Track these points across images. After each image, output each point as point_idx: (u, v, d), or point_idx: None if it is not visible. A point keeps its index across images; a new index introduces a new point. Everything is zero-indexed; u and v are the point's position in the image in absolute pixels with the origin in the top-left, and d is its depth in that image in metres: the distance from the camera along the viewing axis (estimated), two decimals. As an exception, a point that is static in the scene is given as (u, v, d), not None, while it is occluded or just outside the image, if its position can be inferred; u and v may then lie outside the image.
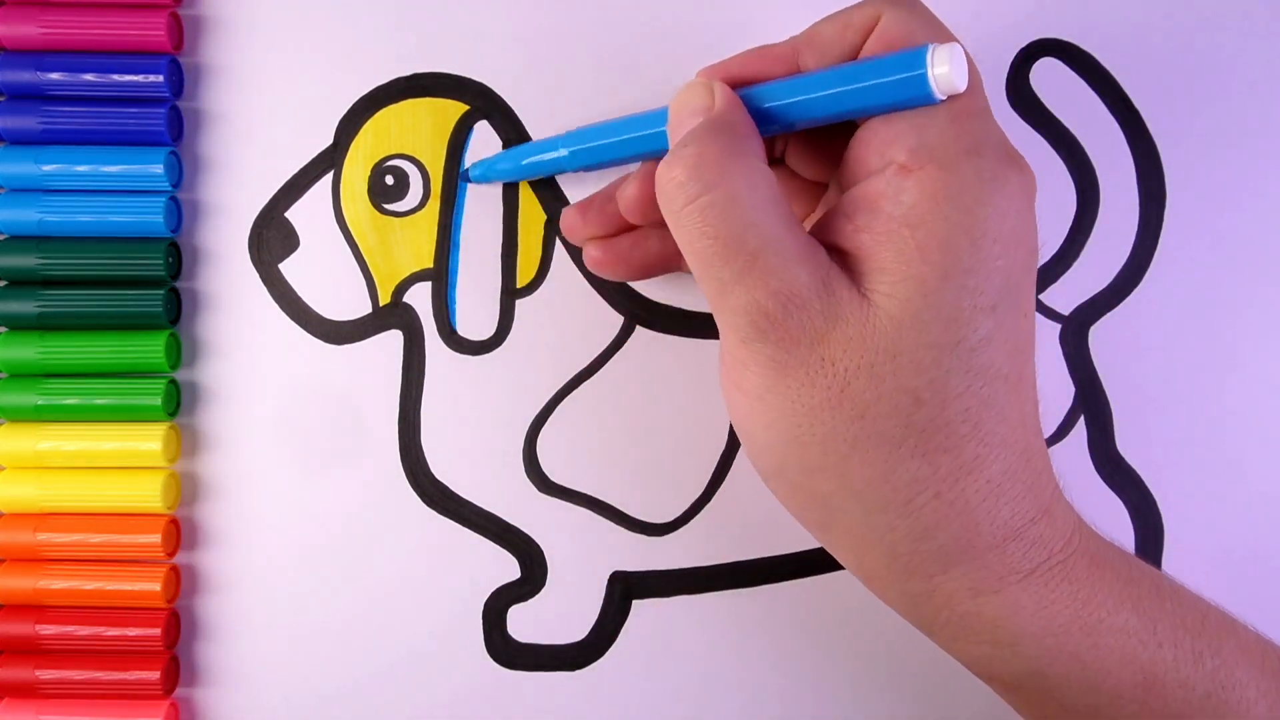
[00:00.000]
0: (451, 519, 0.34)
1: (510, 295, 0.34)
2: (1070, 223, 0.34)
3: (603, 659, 0.34)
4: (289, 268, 0.34)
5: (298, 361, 0.34)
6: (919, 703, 0.34)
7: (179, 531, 0.34)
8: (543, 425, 0.34)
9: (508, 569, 0.34)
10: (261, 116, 0.34)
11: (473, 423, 0.34)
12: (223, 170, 0.34)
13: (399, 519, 0.34)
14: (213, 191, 0.34)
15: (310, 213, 0.34)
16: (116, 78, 0.33)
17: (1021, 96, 0.34)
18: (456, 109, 0.34)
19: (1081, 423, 0.35)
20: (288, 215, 0.34)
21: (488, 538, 0.34)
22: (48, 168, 0.33)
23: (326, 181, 0.34)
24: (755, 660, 0.34)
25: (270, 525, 0.34)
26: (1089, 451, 0.35)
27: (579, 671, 0.34)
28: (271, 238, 0.34)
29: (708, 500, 0.34)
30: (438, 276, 0.34)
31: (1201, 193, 0.34)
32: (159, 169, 0.33)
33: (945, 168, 0.25)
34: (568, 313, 0.34)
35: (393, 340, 0.34)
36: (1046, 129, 0.34)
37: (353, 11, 0.34)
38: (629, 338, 0.34)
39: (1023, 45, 0.34)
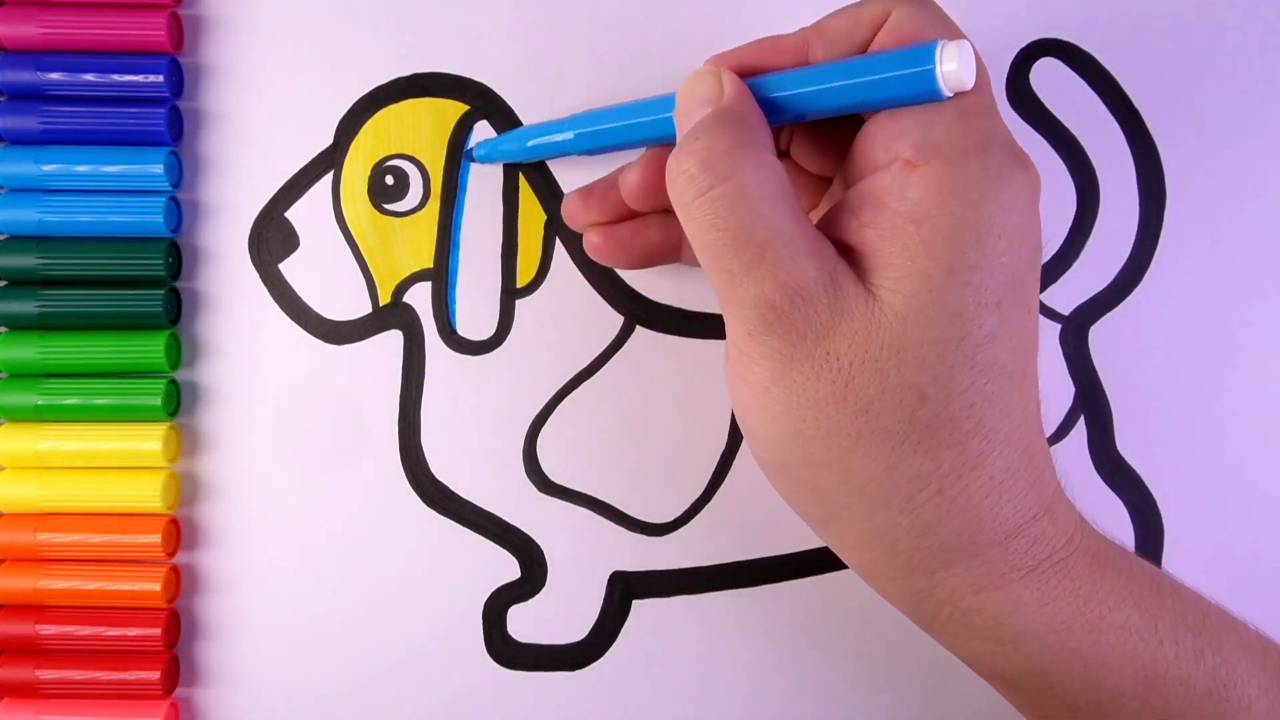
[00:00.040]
0: (451, 519, 0.34)
1: (510, 295, 0.34)
2: (1070, 223, 0.34)
3: (603, 659, 0.34)
4: (289, 268, 0.34)
5: (298, 361, 0.34)
6: (919, 702, 0.34)
7: (179, 531, 0.34)
8: (543, 425, 0.34)
9: (508, 569, 0.34)
10: (261, 116, 0.34)
11: (473, 423, 0.34)
12: (223, 170, 0.34)
13: (399, 519, 0.34)
14: (213, 191, 0.34)
15: (310, 213, 0.34)
16: (116, 78, 0.33)
17: (1021, 96, 0.34)
18: (456, 109, 0.34)
19: (1081, 423, 0.35)
20: (288, 215, 0.34)
21: (488, 538, 0.34)
22: (48, 168, 0.33)
23: (326, 181, 0.34)
24: (755, 660, 0.34)
25: (270, 525, 0.34)
26: (1089, 451, 0.35)
27: (579, 671, 0.34)
28: (271, 238, 0.34)
29: (708, 500, 0.34)
30: (438, 276, 0.34)
31: (1201, 193, 0.34)
32: (159, 169, 0.33)
33: (951, 163, 0.25)
34: (568, 313, 0.34)
35: (393, 340, 0.34)
36: (1046, 129, 0.34)
37: (353, 11, 0.34)
38: (629, 338, 0.34)
39: (1023, 45, 0.34)
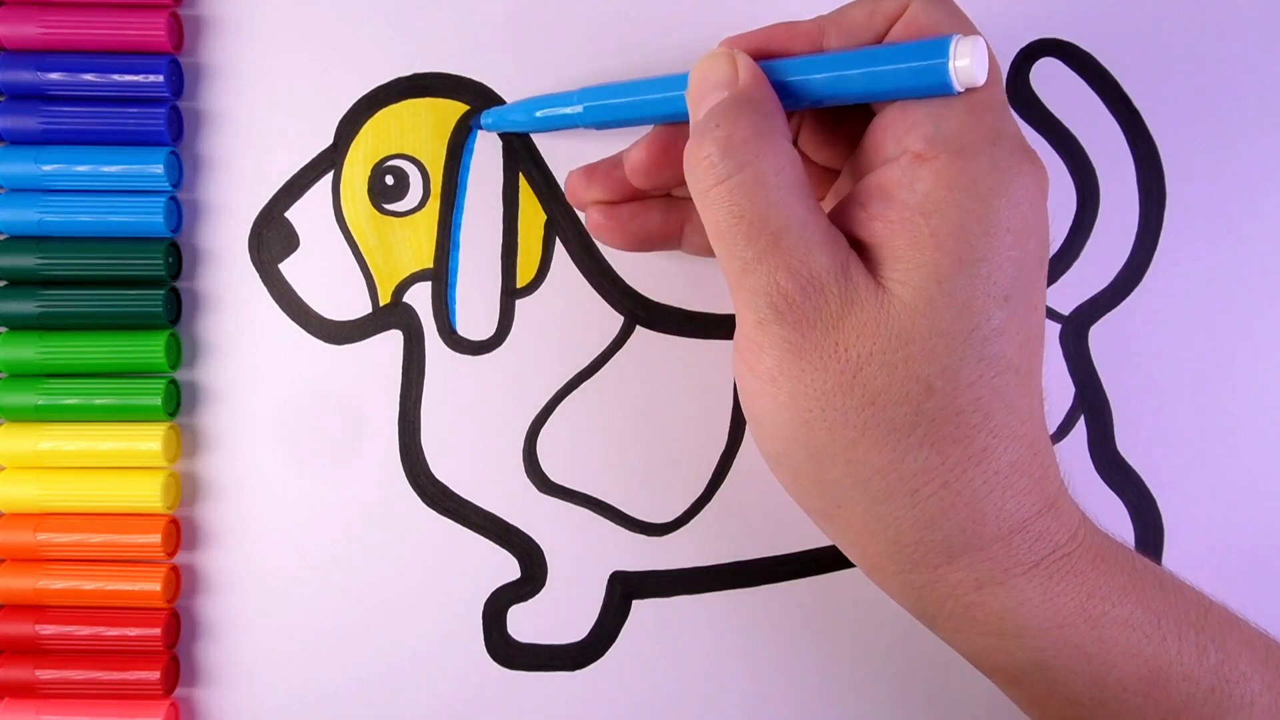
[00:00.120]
0: (451, 519, 0.34)
1: (510, 295, 0.34)
2: (1070, 223, 0.34)
3: (603, 659, 0.34)
4: (289, 268, 0.34)
5: (298, 361, 0.34)
6: (920, 702, 0.34)
7: (179, 531, 0.34)
8: (543, 425, 0.34)
9: (508, 569, 0.34)
10: (261, 116, 0.34)
11: (473, 423, 0.34)
12: (223, 170, 0.34)
13: (399, 519, 0.34)
14: (213, 191, 0.34)
15: (310, 213, 0.34)
16: (116, 78, 0.33)
17: (1021, 96, 0.34)
18: (456, 109, 0.34)
19: (1081, 422, 0.35)
20: (288, 215, 0.34)
21: (488, 538, 0.34)
22: (48, 168, 0.33)
23: (326, 181, 0.34)
24: (755, 660, 0.34)
25: (270, 525, 0.34)
26: (1089, 451, 0.35)
27: (579, 671, 0.34)
28: (271, 238, 0.34)
29: (708, 500, 0.34)
30: (438, 276, 0.34)
31: (1201, 193, 0.34)
32: (159, 169, 0.33)
33: (961, 157, 0.25)
34: (568, 313, 0.34)
35: (393, 340, 0.34)
36: (1046, 129, 0.34)
37: (353, 11, 0.34)
38: (629, 338, 0.34)
39: (1023, 45, 0.34)
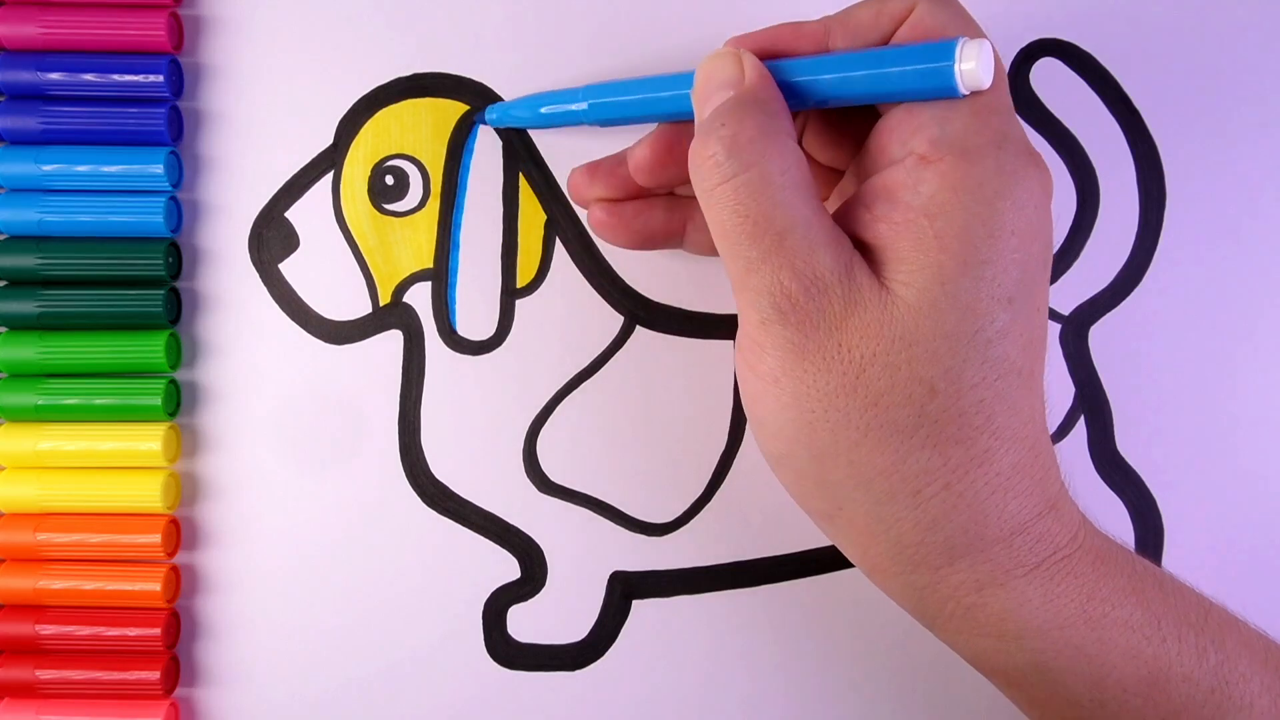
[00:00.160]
0: (451, 519, 0.34)
1: (510, 295, 0.34)
2: (1070, 223, 0.34)
3: (603, 659, 0.34)
4: (289, 268, 0.34)
5: (298, 361, 0.34)
6: (920, 703, 0.34)
7: (179, 531, 0.34)
8: (543, 425, 0.34)
9: (508, 569, 0.34)
10: (261, 116, 0.34)
11: (473, 423, 0.34)
12: (223, 170, 0.34)
13: (399, 519, 0.34)
14: (213, 191, 0.34)
15: (310, 213, 0.34)
16: (116, 78, 0.33)
17: (1021, 96, 0.34)
18: (456, 109, 0.34)
19: (1081, 423, 0.35)
20: (288, 215, 0.34)
21: (488, 538, 0.34)
22: (48, 168, 0.33)
23: (326, 181, 0.34)
24: (755, 660, 0.34)
25: (270, 525, 0.34)
26: (1089, 451, 0.35)
27: (579, 671, 0.34)
28: (271, 238, 0.34)
29: (708, 500, 0.34)
30: (438, 276, 0.34)
31: (1201, 193, 0.34)
32: (159, 169, 0.33)
33: (966, 160, 0.25)
34: (568, 313, 0.34)
35: (393, 340, 0.34)
36: (1046, 129, 0.34)
37: (353, 11, 0.34)
38: (629, 338, 0.34)
39: (1023, 45, 0.34)
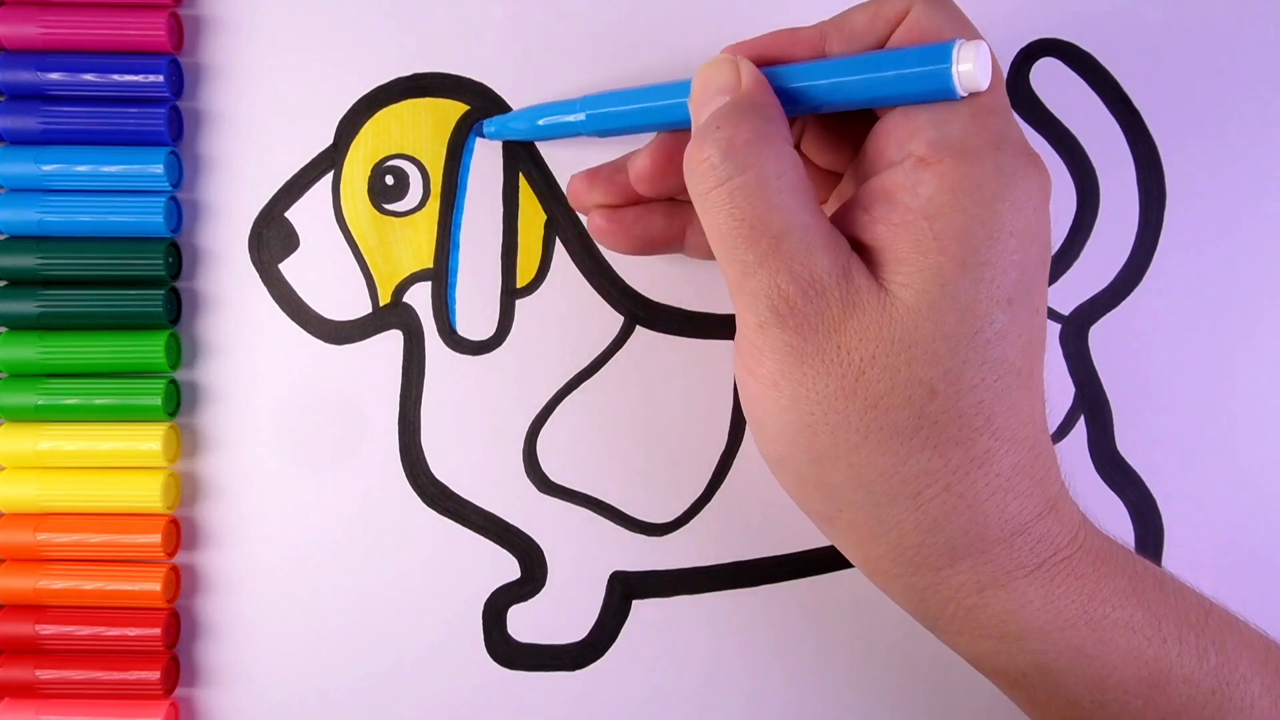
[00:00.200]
0: (451, 519, 0.34)
1: (510, 295, 0.34)
2: (1070, 223, 0.34)
3: (603, 659, 0.34)
4: (289, 268, 0.34)
5: (298, 361, 0.34)
6: (921, 702, 0.34)
7: (179, 531, 0.34)
8: (543, 425, 0.34)
9: (508, 569, 0.34)
10: (261, 116, 0.34)
11: (473, 423, 0.34)
12: (223, 170, 0.34)
13: (399, 519, 0.34)
14: (213, 191, 0.34)
15: (310, 213, 0.34)
16: (116, 78, 0.33)
17: (1021, 96, 0.34)
18: (456, 109, 0.34)
19: (1081, 423, 0.35)
20: (288, 215, 0.34)
21: (488, 538, 0.34)
22: (48, 168, 0.33)
23: (326, 181, 0.34)
24: (755, 660, 0.34)
25: (270, 525, 0.34)
26: (1089, 451, 0.35)
27: (579, 671, 0.34)
28: (271, 238, 0.34)
29: (708, 500, 0.34)
30: (438, 276, 0.34)
31: (1201, 193, 0.34)
32: (159, 169, 0.33)
33: (965, 161, 0.25)
34: (568, 313, 0.34)
35: (393, 340, 0.34)
36: (1046, 129, 0.34)
37: (353, 11, 0.34)
38: (629, 338, 0.34)
39: (1023, 45, 0.34)
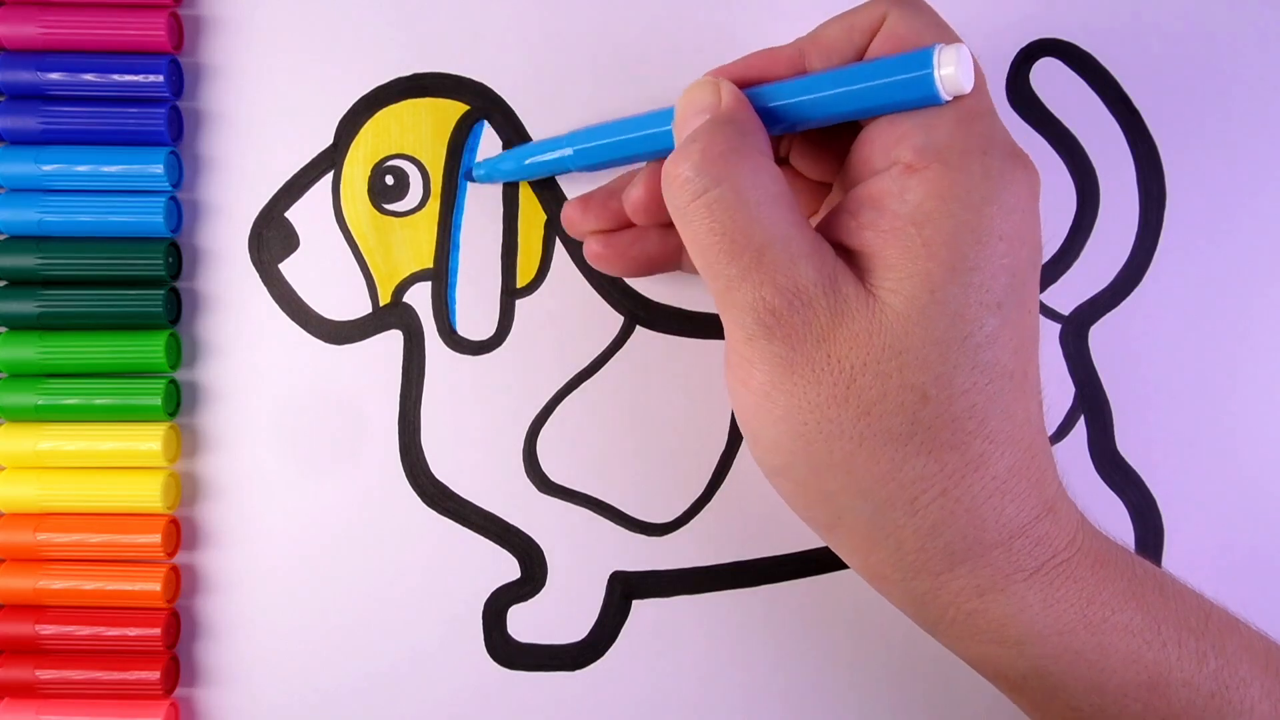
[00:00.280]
0: (451, 519, 0.34)
1: (510, 295, 0.34)
2: (1070, 223, 0.34)
3: (603, 659, 0.34)
4: (289, 268, 0.34)
5: (298, 361, 0.34)
6: (920, 702, 0.34)
7: (179, 531, 0.34)
8: (543, 425, 0.34)
9: (508, 569, 0.34)
10: (261, 116, 0.34)
11: (473, 423, 0.34)
12: (223, 170, 0.34)
13: (399, 519, 0.34)
14: (213, 191, 0.34)
15: (310, 213, 0.34)
16: (116, 78, 0.33)
17: (1021, 96, 0.34)
18: (456, 109, 0.34)
19: (1081, 423, 0.35)
20: (288, 215, 0.34)
21: (488, 538, 0.34)
22: (48, 168, 0.33)
23: (326, 181, 0.34)
24: (755, 660, 0.34)
25: (270, 525, 0.34)
26: (1089, 451, 0.35)
27: (579, 671, 0.34)
28: (271, 238, 0.34)
29: (708, 500, 0.34)
30: (438, 276, 0.34)
31: (1201, 193, 0.34)
32: (159, 169, 0.33)
33: (952, 167, 0.25)
34: (568, 313, 0.34)
35: (393, 340, 0.34)
36: (1046, 129, 0.34)
37: (353, 11, 0.34)
38: (629, 338, 0.34)
39: (1023, 45, 0.34)
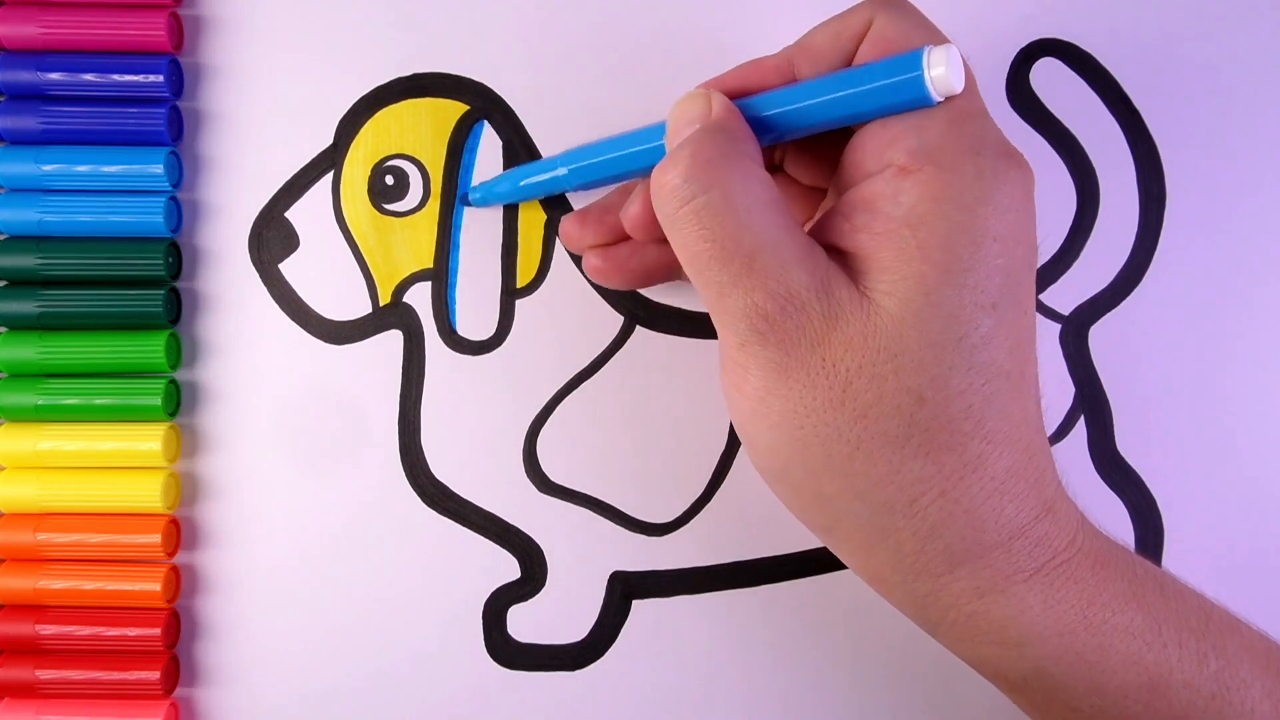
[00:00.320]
0: (451, 519, 0.34)
1: (510, 295, 0.34)
2: (1070, 223, 0.34)
3: (603, 659, 0.34)
4: (289, 268, 0.34)
5: (298, 361, 0.34)
6: (920, 702, 0.34)
7: (179, 531, 0.34)
8: (543, 425, 0.34)
9: (508, 569, 0.34)
10: (261, 116, 0.34)
11: (473, 423, 0.34)
12: (223, 170, 0.34)
13: (399, 519, 0.34)
14: (213, 191, 0.34)
15: (310, 213, 0.34)
16: (116, 78, 0.33)
17: (1021, 96, 0.34)
18: (456, 109, 0.34)
19: (1081, 423, 0.35)
20: (288, 215, 0.34)
21: (488, 538, 0.34)
22: (48, 168, 0.33)
23: (326, 181, 0.34)
24: (755, 660, 0.34)
25: (270, 525, 0.34)
26: (1089, 451, 0.35)
27: (579, 671, 0.34)
28: (271, 238, 0.34)
29: (708, 500, 0.34)
30: (438, 276, 0.34)
31: (1201, 193, 0.34)
32: (159, 169, 0.33)
33: (945, 168, 0.25)
34: (568, 313, 0.34)
35: (393, 340, 0.34)
36: (1046, 129, 0.34)
37: (353, 11, 0.34)
38: (629, 338, 0.34)
39: (1023, 45, 0.34)
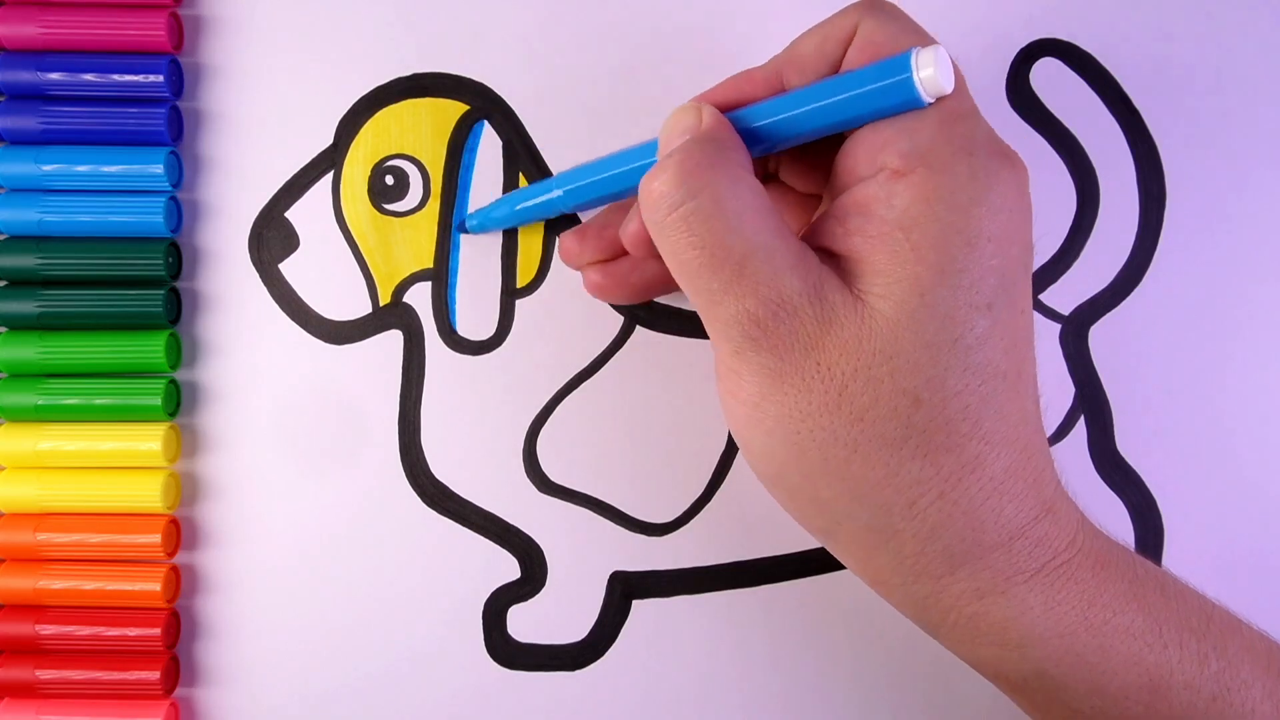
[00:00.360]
0: (451, 519, 0.34)
1: (510, 295, 0.34)
2: (1070, 223, 0.34)
3: (603, 659, 0.34)
4: (289, 268, 0.34)
5: (298, 361, 0.34)
6: (920, 702, 0.34)
7: (179, 531, 0.34)
8: (543, 425, 0.34)
9: (508, 569, 0.34)
10: (261, 116, 0.34)
11: (473, 423, 0.34)
12: (223, 170, 0.34)
13: (399, 519, 0.34)
14: (213, 191, 0.34)
15: (310, 213, 0.34)
16: (116, 78, 0.33)
17: (1021, 96, 0.34)
18: (456, 109, 0.34)
19: (1081, 423, 0.35)
20: (288, 215, 0.34)
21: (488, 538, 0.34)
22: (48, 168, 0.33)
23: (326, 181, 0.34)
24: (755, 660, 0.34)
25: (270, 525, 0.34)
26: (1089, 451, 0.35)
27: (579, 671, 0.34)
28: (271, 238, 0.34)
29: (708, 500, 0.34)
30: (438, 276, 0.34)
31: (1201, 193, 0.34)
32: (159, 169, 0.33)
33: (937, 170, 0.25)
34: (568, 313, 0.34)
35: (393, 340, 0.34)
36: (1046, 129, 0.34)
37: (353, 11, 0.34)
38: (629, 338, 0.34)
39: (1023, 45, 0.34)
